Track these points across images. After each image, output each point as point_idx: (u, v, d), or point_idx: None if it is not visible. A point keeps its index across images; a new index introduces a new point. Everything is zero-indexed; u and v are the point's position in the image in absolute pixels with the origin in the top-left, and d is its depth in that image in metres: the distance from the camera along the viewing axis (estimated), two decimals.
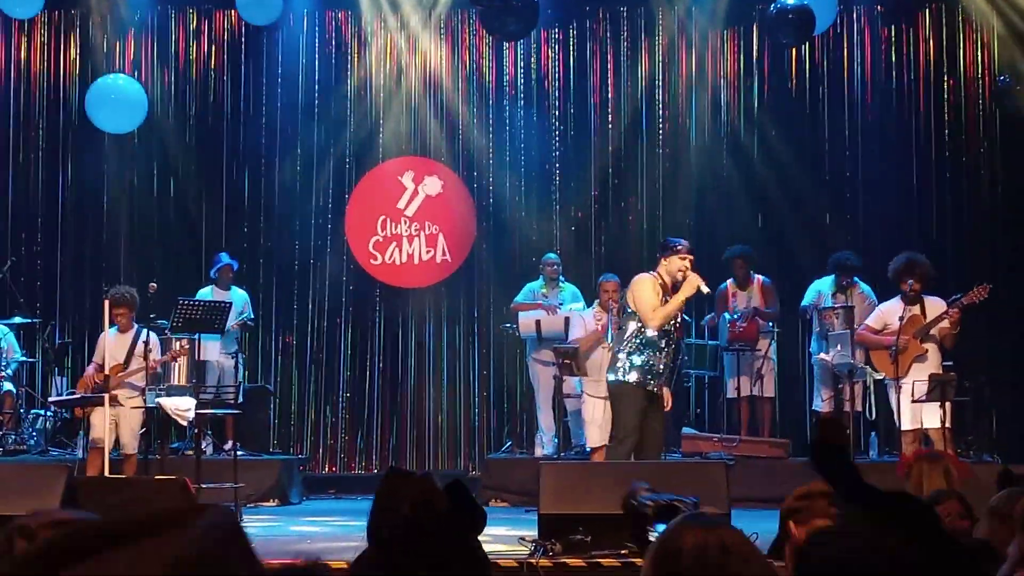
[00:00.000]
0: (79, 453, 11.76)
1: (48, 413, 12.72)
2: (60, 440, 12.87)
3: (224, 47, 14.40)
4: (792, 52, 14.09)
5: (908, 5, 14.20)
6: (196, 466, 10.70)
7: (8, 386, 12.59)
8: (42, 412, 12.78)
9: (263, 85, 14.38)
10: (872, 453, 12.25)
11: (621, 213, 14.32)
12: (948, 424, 10.72)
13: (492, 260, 14.31)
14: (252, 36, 14.38)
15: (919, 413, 10.91)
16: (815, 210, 14.03)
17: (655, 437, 9.43)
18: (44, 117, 14.30)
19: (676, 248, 9.52)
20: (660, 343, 9.37)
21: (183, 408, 11.18)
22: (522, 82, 14.38)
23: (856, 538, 1.88)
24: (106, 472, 10.63)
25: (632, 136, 14.32)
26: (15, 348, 12.80)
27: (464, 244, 14.35)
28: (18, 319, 12.97)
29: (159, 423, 11.60)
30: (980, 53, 13.92)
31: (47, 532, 2.81)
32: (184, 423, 11.53)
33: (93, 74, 13.98)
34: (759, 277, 12.90)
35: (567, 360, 11.76)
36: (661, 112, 14.29)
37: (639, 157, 14.29)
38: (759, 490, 10.72)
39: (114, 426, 11.06)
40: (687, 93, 14.30)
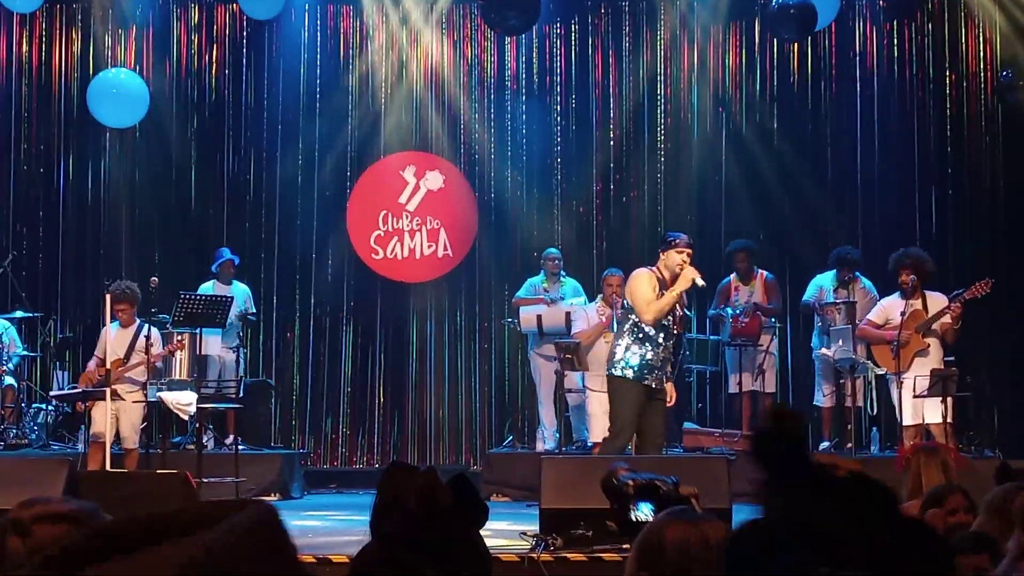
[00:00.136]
0: (80, 447, 11.76)
1: (49, 407, 12.72)
2: (61, 434, 12.89)
3: (226, 41, 14.40)
4: (794, 47, 14.07)
5: (910, 0, 14.18)
6: (197, 460, 10.72)
7: (9, 380, 12.58)
8: (43, 406, 12.78)
9: (264, 79, 14.38)
10: (874, 448, 12.25)
11: (622, 208, 14.31)
12: (949, 419, 10.72)
13: (493, 255, 14.30)
14: (254, 30, 14.37)
15: (920, 408, 10.92)
16: (816, 205, 14.02)
17: (655, 432, 9.39)
18: (45, 111, 14.29)
19: (674, 242, 9.47)
20: (658, 338, 9.33)
21: (184, 402, 11.19)
22: (524, 77, 14.37)
23: (786, 526, 1.85)
24: (107, 466, 10.63)
25: (634, 131, 14.31)
26: (17, 342, 12.80)
27: (465, 239, 14.34)
28: (19, 313, 12.97)
29: (160, 417, 11.61)
30: (982, 48, 13.90)
31: (42, 526, 2.77)
32: (185, 417, 11.54)
33: (94, 68, 13.98)
34: (762, 272, 12.89)
35: (568, 355, 11.76)
36: (663, 107, 14.28)
37: (641, 152, 14.29)
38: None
39: (115, 420, 11.06)
40: (689, 88, 14.29)
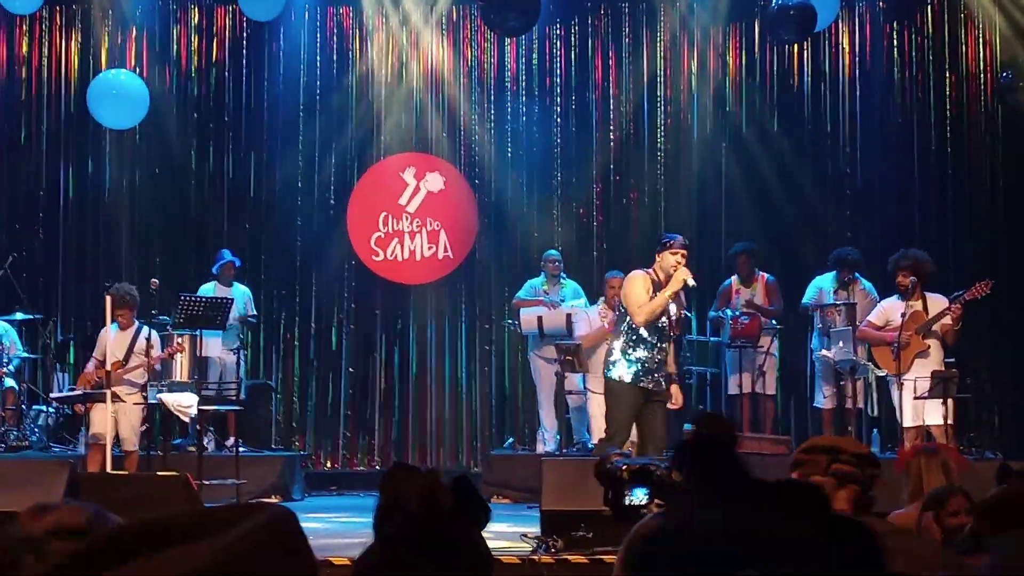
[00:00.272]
0: (81, 449, 11.76)
1: (50, 409, 12.71)
2: (62, 436, 12.87)
3: (226, 43, 14.39)
4: (794, 48, 14.08)
5: (910, 1, 14.19)
6: (198, 462, 10.72)
7: (10, 382, 12.57)
8: (44, 408, 12.77)
9: (264, 81, 14.38)
10: (874, 450, 12.20)
11: (623, 209, 14.31)
12: (950, 420, 10.72)
13: (494, 256, 14.30)
14: (254, 32, 14.36)
15: (921, 410, 10.91)
16: (817, 206, 14.02)
17: (655, 435, 9.32)
18: (45, 113, 14.28)
19: (668, 244, 9.44)
20: (652, 339, 9.28)
21: (185, 404, 11.19)
22: (523, 78, 14.37)
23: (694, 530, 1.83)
24: (108, 468, 10.62)
25: (634, 132, 14.32)
26: (17, 344, 12.79)
27: (466, 240, 14.34)
28: (20, 315, 12.95)
29: (161, 419, 11.61)
30: (982, 49, 13.91)
31: (59, 542, 2.72)
32: (186, 419, 11.54)
33: (94, 69, 13.98)
34: (763, 274, 12.89)
35: (569, 356, 11.76)
36: (663, 108, 14.28)
37: (641, 153, 14.29)
38: None
39: (114, 422, 11.05)
40: (689, 89, 14.29)
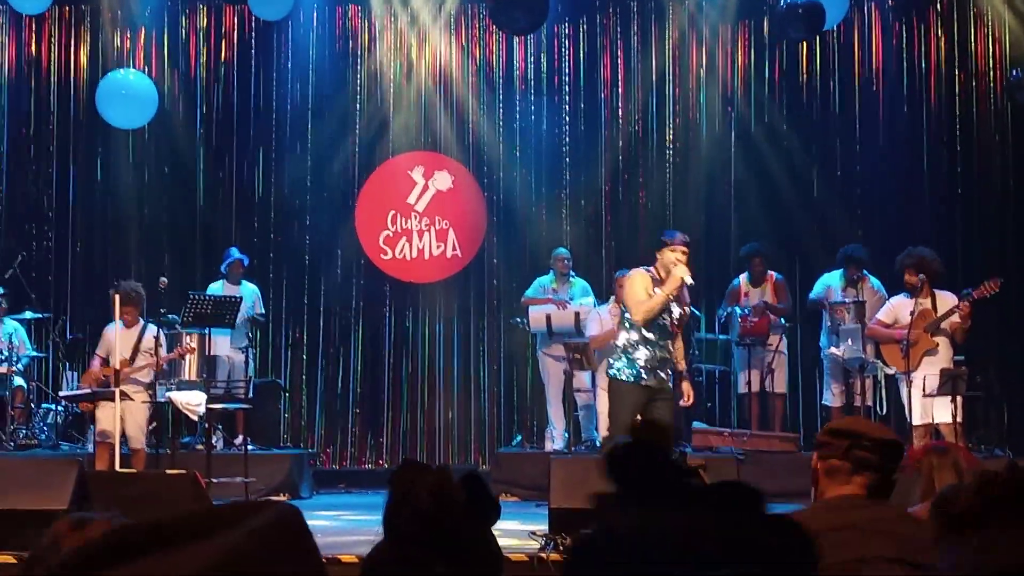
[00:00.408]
0: (90, 447, 11.77)
1: (59, 408, 12.73)
2: (71, 434, 12.89)
3: (235, 42, 14.40)
4: (803, 47, 14.06)
5: None
6: (207, 461, 10.71)
7: (19, 381, 12.60)
8: (53, 407, 12.79)
9: (273, 80, 14.38)
10: None
11: (631, 208, 14.30)
12: (959, 419, 10.70)
13: (502, 255, 14.29)
14: (263, 31, 14.37)
15: (930, 408, 10.89)
16: (825, 205, 14.00)
17: None
18: (54, 113, 14.30)
19: (668, 242, 9.43)
20: (653, 338, 9.27)
21: (194, 403, 11.20)
22: (532, 77, 14.36)
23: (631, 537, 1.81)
24: (116, 466, 10.63)
25: (642, 131, 14.30)
26: (26, 343, 12.81)
27: (474, 239, 14.34)
28: (29, 314, 12.97)
29: (170, 418, 11.61)
30: (992, 47, 13.88)
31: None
32: (195, 418, 11.54)
33: (103, 70, 13.99)
34: (772, 273, 12.88)
35: (577, 355, 11.75)
36: (671, 107, 14.26)
37: (649, 151, 14.28)
38: (770, 484, 10.58)
39: (120, 420, 11.07)
40: (697, 88, 14.27)
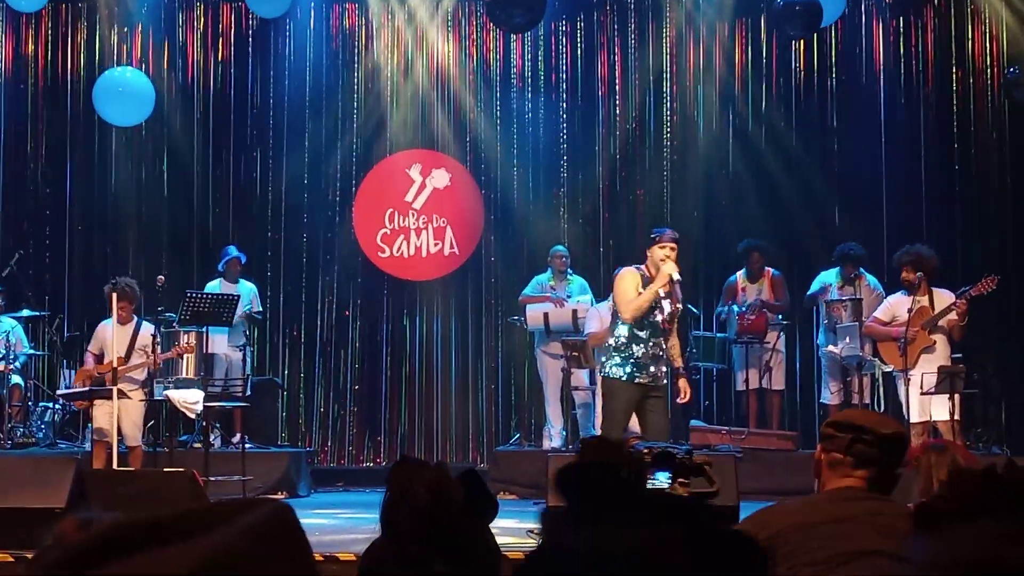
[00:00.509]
0: (87, 446, 11.76)
1: (56, 406, 12.73)
2: (68, 433, 12.89)
3: (232, 39, 14.38)
4: (800, 44, 14.05)
5: None
6: (204, 459, 10.70)
7: (17, 379, 12.58)
8: (50, 405, 12.79)
9: (270, 77, 14.36)
10: None
11: (629, 205, 14.30)
12: (957, 416, 10.70)
13: (500, 253, 14.29)
14: (260, 28, 14.36)
15: (928, 405, 10.88)
16: (823, 202, 14.00)
17: (657, 429, 9.24)
18: (51, 110, 14.29)
19: (656, 238, 9.43)
20: (645, 335, 9.27)
21: (191, 401, 11.18)
22: (529, 74, 14.35)
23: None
24: (114, 464, 10.62)
25: (640, 128, 14.30)
26: (23, 341, 12.80)
27: (472, 237, 14.33)
28: (26, 312, 12.96)
29: (167, 416, 11.61)
30: (989, 45, 13.88)
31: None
32: (192, 416, 11.53)
33: (100, 67, 13.98)
34: (769, 270, 12.88)
35: (575, 352, 11.75)
36: (669, 104, 14.25)
37: (647, 149, 14.27)
38: (768, 482, 10.71)
39: (116, 419, 11.07)
40: (695, 85, 14.26)
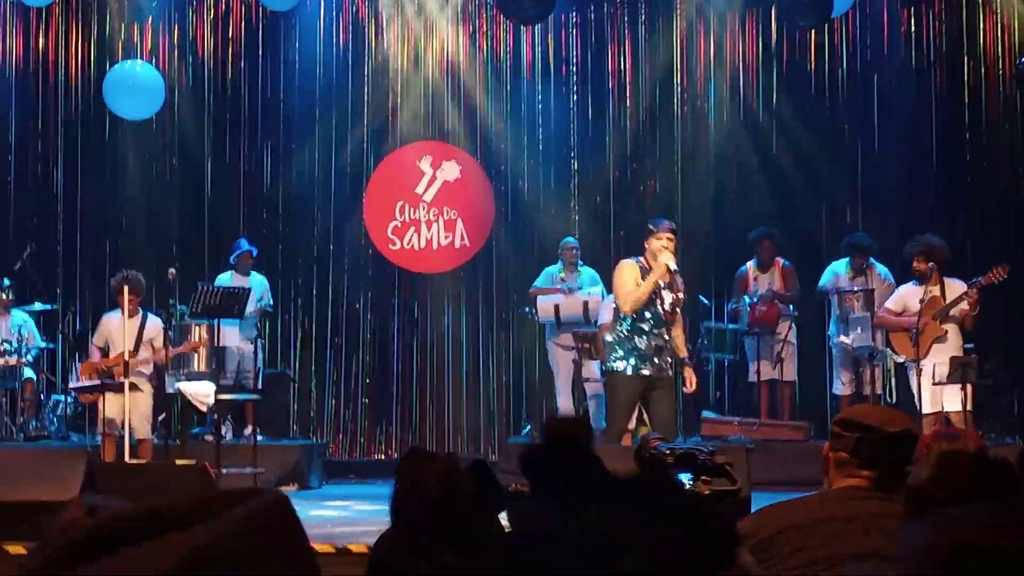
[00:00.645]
0: (99, 439, 11.79)
1: (68, 399, 12.76)
2: (80, 426, 12.91)
3: (242, 32, 14.37)
4: (811, 35, 14.02)
5: None
6: (216, 451, 10.71)
7: (29, 372, 12.61)
8: (62, 398, 12.81)
9: (281, 70, 14.35)
10: None
11: (639, 197, 14.28)
12: (969, 407, 10.68)
13: (511, 245, 14.28)
14: (270, 21, 14.34)
15: (940, 396, 10.87)
16: (834, 193, 13.98)
17: (664, 421, 9.22)
18: (62, 104, 14.28)
19: (654, 229, 9.41)
20: (644, 327, 9.25)
21: (203, 394, 11.20)
22: (540, 66, 14.33)
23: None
24: (126, 457, 10.65)
25: (650, 120, 14.27)
26: (35, 335, 12.81)
27: (482, 229, 14.32)
28: (38, 306, 12.99)
29: (179, 408, 11.63)
30: (1000, 34, 13.84)
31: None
32: (204, 408, 11.54)
33: (110, 61, 13.98)
34: (780, 259, 12.87)
35: (586, 344, 11.74)
36: (679, 96, 14.24)
37: (657, 141, 14.25)
38: (780, 473, 10.68)
39: (125, 412, 11.12)
40: (705, 76, 14.24)
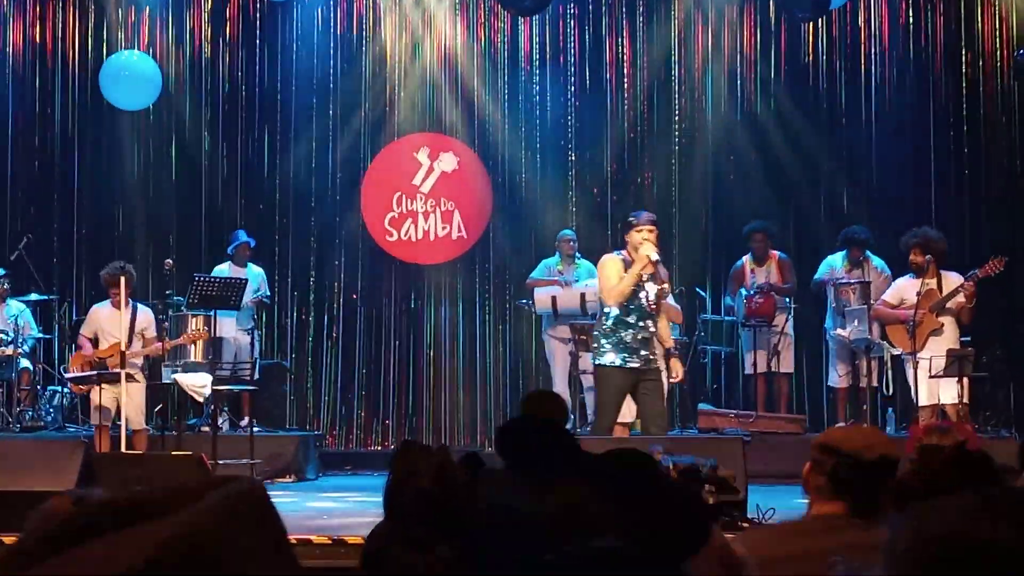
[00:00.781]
0: (93, 430, 11.78)
1: (65, 390, 12.75)
2: (77, 416, 12.90)
3: (239, 23, 14.35)
4: (809, 27, 14.01)
5: None
6: (212, 442, 10.72)
7: (25, 363, 12.61)
8: (59, 389, 12.81)
9: (278, 61, 14.34)
10: (889, 429, 12.20)
11: (637, 189, 14.26)
12: (965, 399, 10.69)
13: (508, 236, 14.27)
14: (268, 12, 14.33)
15: (936, 388, 10.88)
16: (832, 185, 13.97)
17: (653, 413, 9.23)
18: (59, 94, 14.28)
19: (634, 222, 9.41)
20: (629, 319, 9.26)
21: (199, 384, 11.20)
22: (537, 58, 14.32)
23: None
24: (122, 448, 10.65)
25: (648, 112, 14.26)
26: (32, 325, 12.81)
27: (480, 220, 14.32)
28: (34, 296, 12.99)
29: (176, 399, 11.63)
30: (999, 26, 13.82)
31: None
32: (200, 399, 11.55)
33: (107, 51, 13.97)
34: (776, 252, 12.87)
35: (583, 336, 11.74)
36: (677, 88, 14.22)
37: (655, 133, 14.24)
38: (776, 466, 10.69)
39: (117, 403, 11.11)
40: (703, 68, 14.22)
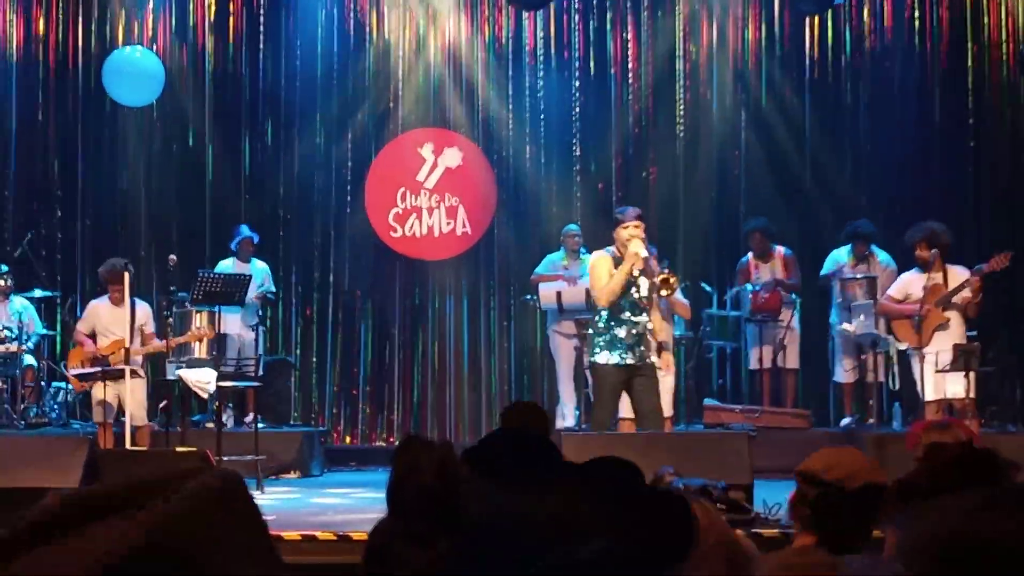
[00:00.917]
0: (95, 426, 11.78)
1: (69, 386, 12.74)
2: (81, 413, 12.89)
3: (243, 18, 14.33)
4: (814, 21, 13.97)
5: None
6: (217, 438, 10.70)
7: (29, 359, 12.60)
8: (63, 385, 12.80)
9: (282, 56, 14.32)
10: (895, 424, 12.19)
11: (642, 184, 14.24)
12: (972, 394, 10.66)
13: (512, 232, 14.25)
14: (271, 7, 14.31)
15: (943, 383, 10.85)
16: (837, 180, 13.94)
17: (649, 409, 9.21)
18: (62, 91, 14.26)
19: (621, 218, 9.36)
20: (622, 316, 9.23)
21: (204, 381, 11.17)
22: (542, 52, 14.29)
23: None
24: (127, 444, 10.64)
25: (653, 106, 14.24)
26: (36, 321, 12.81)
27: (484, 216, 14.29)
28: (38, 292, 12.99)
29: (180, 396, 11.61)
30: (1005, 19, 13.79)
31: None
32: (205, 396, 11.52)
33: (110, 46, 13.95)
34: (780, 248, 12.84)
35: (588, 332, 11.70)
36: (682, 82, 14.19)
37: (660, 127, 14.21)
38: (782, 461, 10.59)
39: (119, 399, 11.09)
40: (708, 63, 14.20)
